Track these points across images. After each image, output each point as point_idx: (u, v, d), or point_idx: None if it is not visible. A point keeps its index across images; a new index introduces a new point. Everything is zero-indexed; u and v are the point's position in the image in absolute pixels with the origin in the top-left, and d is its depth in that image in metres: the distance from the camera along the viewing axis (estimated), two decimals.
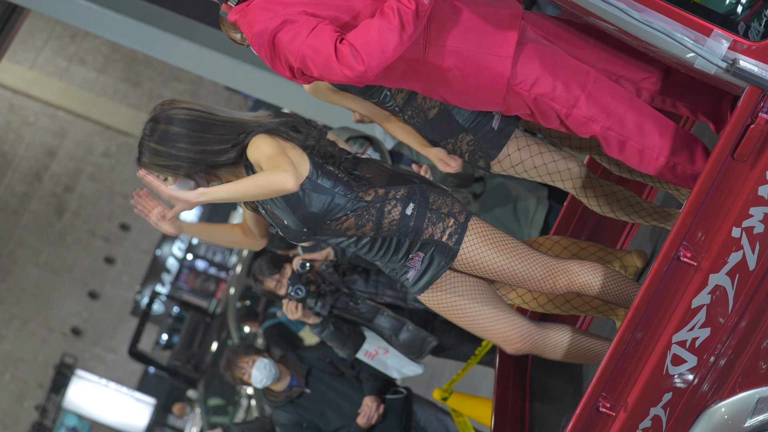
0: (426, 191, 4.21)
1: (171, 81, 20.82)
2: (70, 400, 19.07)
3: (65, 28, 20.55)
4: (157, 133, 4.03)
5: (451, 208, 4.21)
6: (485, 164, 4.67)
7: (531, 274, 4.23)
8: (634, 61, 4.33)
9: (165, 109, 4.08)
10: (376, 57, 3.84)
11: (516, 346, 4.32)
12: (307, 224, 4.16)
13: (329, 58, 3.85)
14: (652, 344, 3.94)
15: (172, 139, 4.02)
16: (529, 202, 7.11)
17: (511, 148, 4.65)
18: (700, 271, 3.88)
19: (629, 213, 4.78)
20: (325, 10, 3.94)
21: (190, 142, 4.02)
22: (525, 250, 4.25)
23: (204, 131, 4.03)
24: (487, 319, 4.31)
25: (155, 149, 4.03)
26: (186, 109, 4.08)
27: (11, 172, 20.51)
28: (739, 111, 3.75)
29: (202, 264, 20.77)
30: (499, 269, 4.21)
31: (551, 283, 4.24)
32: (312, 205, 4.11)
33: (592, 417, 3.99)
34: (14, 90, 20.52)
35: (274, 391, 7.06)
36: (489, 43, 4.07)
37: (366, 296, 6.89)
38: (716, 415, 4.01)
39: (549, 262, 4.25)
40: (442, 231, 4.18)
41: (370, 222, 4.17)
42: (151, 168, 4.06)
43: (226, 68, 10.44)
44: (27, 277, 20.18)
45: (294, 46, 3.89)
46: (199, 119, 4.05)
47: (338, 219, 4.16)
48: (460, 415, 6.97)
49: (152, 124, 4.04)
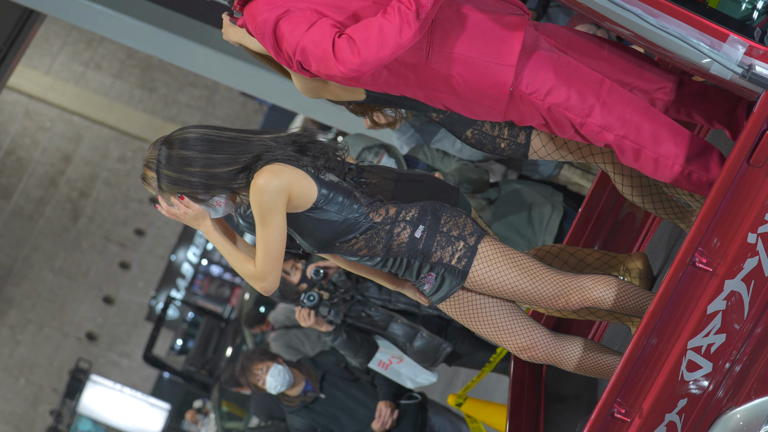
0: (438, 211, 4.22)
1: (186, 87, 20.87)
2: (85, 405, 19.11)
3: (81, 34, 20.61)
4: (173, 160, 4.03)
5: (462, 230, 4.20)
6: (525, 139, 4.59)
7: (544, 293, 4.23)
8: (647, 72, 4.32)
9: (177, 132, 4.10)
10: (374, 52, 3.83)
11: (530, 354, 4.32)
12: (318, 247, 4.19)
13: (326, 52, 3.86)
14: (668, 350, 3.93)
15: (185, 164, 4.02)
16: (543, 209, 7.10)
17: (543, 139, 4.60)
18: (716, 277, 3.87)
19: (656, 202, 4.74)
20: (328, 11, 3.96)
21: (202, 165, 4.03)
22: (537, 268, 4.24)
23: (213, 151, 4.03)
24: (502, 327, 4.31)
25: (170, 176, 4.04)
26: (195, 128, 4.09)
27: (27, 177, 20.57)
28: (755, 116, 3.73)
29: (217, 269, 20.80)
30: (511, 290, 4.22)
31: (564, 301, 4.24)
32: (322, 230, 4.13)
33: (607, 423, 3.98)
34: (30, 95, 20.59)
35: (288, 396, 7.07)
36: (492, 51, 4.05)
37: (379, 303, 6.89)
38: (731, 421, 3.99)
39: (561, 279, 4.24)
40: (451, 255, 4.18)
41: (380, 244, 4.18)
42: (170, 192, 4.07)
43: (242, 73, 10.45)
44: (42, 282, 20.24)
45: (294, 37, 3.91)
46: (208, 138, 4.05)
47: (349, 241, 4.18)
48: (475, 421, 6.97)
49: (167, 149, 4.04)
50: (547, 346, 4.32)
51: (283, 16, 3.93)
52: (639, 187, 4.71)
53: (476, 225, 4.25)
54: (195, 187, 4.05)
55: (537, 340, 4.31)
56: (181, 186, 4.03)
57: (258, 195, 4.01)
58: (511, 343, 4.32)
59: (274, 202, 4.03)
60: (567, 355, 4.33)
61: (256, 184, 4.01)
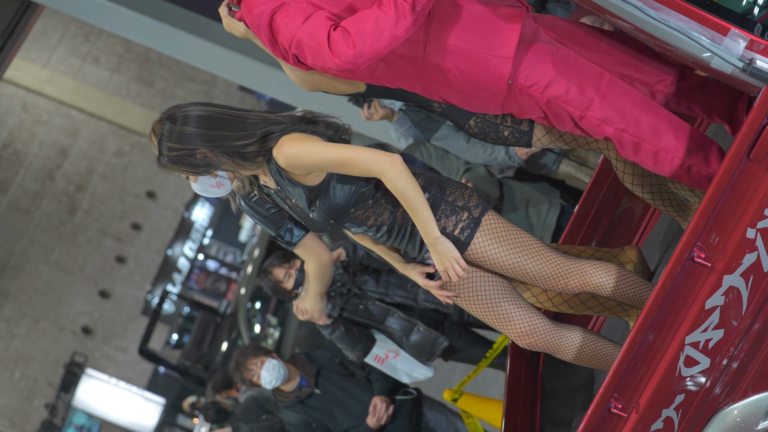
0: (444, 183, 4.22)
1: (184, 81, 20.84)
2: (80, 398, 19.09)
3: (79, 27, 20.58)
4: (174, 134, 4.02)
5: (467, 202, 4.20)
6: (528, 127, 4.55)
7: (543, 272, 4.23)
8: (648, 64, 4.31)
9: (180, 107, 4.08)
10: (369, 44, 3.83)
11: (528, 340, 4.32)
12: (332, 216, 4.18)
13: (322, 45, 3.86)
14: (665, 345, 3.93)
15: (189, 140, 4.01)
16: (541, 205, 7.10)
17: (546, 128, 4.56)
18: (714, 272, 3.87)
19: (655, 194, 4.72)
20: (324, 3, 3.95)
21: (206, 140, 4.02)
22: (540, 248, 4.24)
23: (218, 128, 4.02)
24: (503, 312, 4.31)
25: (173, 149, 4.03)
26: (201, 105, 4.08)
27: (24, 170, 20.54)
28: (755, 111, 3.73)
29: (213, 264, 20.79)
30: (511, 266, 4.21)
31: (564, 283, 4.24)
32: (337, 197, 4.12)
33: (604, 418, 3.98)
34: (27, 88, 20.55)
35: (283, 391, 7.06)
36: (490, 43, 4.04)
37: (376, 296, 6.88)
38: (729, 417, 3.99)
39: (563, 261, 4.24)
40: (455, 224, 4.17)
41: (387, 211, 4.18)
42: (171, 169, 4.06)
43: (241, 67, 10.42)
44: (38, 275, 20.21)
45: (289, 30, 3.90)
46: (213, 115, 4.04)
47: (362, 208, 4.17)
48: (471, 416, 6.96)
49: (169, 124, 4.03)
50: (546, 333, 4.32)
51: (278, 8, 3.93)
52: (640, 176, 4.69)
53: (481, 198, 4.24)
54: (195, 166, 4.04)
55: (537, 326, 4.31)
56: (180, 164, 4.02)
57: (294, 160, 4.01)
58: (511, 329, 4.32)
59: (311, 152, 4.01)
60: (566, 343, 4.33)
61: (284, 153, 4.01)
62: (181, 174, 4.10)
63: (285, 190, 4.15)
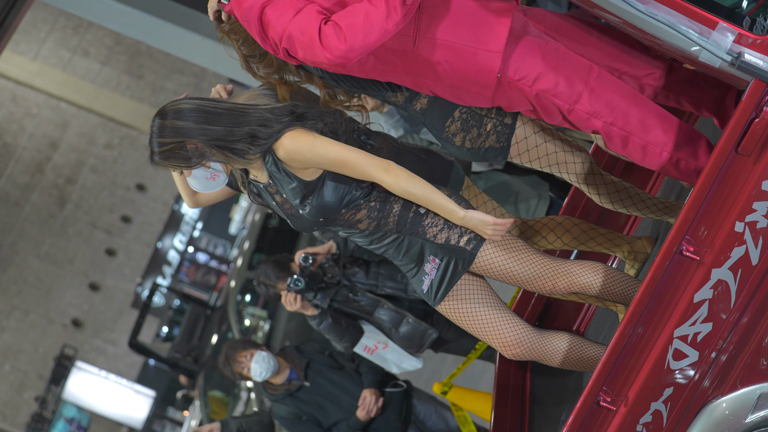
0: None
1: (174, 74, 20.82)
2: (70, 391, 19.10)
3: (68, 20, 20.54)
4: (165, 129, 4.00)
5: None
6: (512, 120, 4.52)
7: (530, 275, 4.24)
8: (636, 58, 4.32)
9: (170, 103, 4.07)
10: (360, 39, 3.82)
11: (514, 351, 4.30)
12: (322, 214, 4.16)
13: (313, 39, 3.85)
14: (654, 339, 3.93)
15: (179, 133, 4.00)
16: (530, 199, 7.10)
17: (527, 130, 4.56)
18: (703, 265, 3.87)
19: (628, 206, 4.76)
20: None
21: (196, 132, 4.01)
22: (525, 249, 4.25)
23: (207, 122, 4.01)
24: (488, 323, 4.30)
25: (163, 144, 4.02)
26: (190, 99, 4.07)
27: (13, 163, 20.51)
28: (743, 105, 3.73)
29: (203, 257, 20.80)
30: (497, 270, 4.22)
31: (551, 284, 4.24)
32: (328, 195, 4.11)
33: (593, 411, 3.98)
34: (17, 81, 20.52)
35: (273, 384, 7.05)
36: (479, 37, 4.04)
37: (366, 288, 6.89)
38: (717, 410, 3.99)
39: (548, 263, 4.24)
40: (459, 236, 4.17)
41: (382, 213, 4.17)
42: (164, 165, 4.05)
43: (230, 59, 10.39)
44: (28, 268, 20.19)
45: (280, 24, 3.89)
46: (201, 108, 4.03)
47: (353, 209, 4.16)
48: (460, 409, 6.96)
49: (159, 120, 4.02)
50: (531, 343, 4.31)
51: (269, 2, 3.92)
52: (605, 190, 4.72)
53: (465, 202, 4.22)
54: (187, 159, 4.03)
55: (521, 336, 4.30)
56: (173, 159, 4.01)
57: (294, 153, 4.02)
58: (496, 340, 4.30)
59: (313, 148, 4.02)
60: (551, 350, 4.33)
61: (285, 146, 4.01)
62: (175, 170, 4.09)
63: (277, 184, 4.14)
